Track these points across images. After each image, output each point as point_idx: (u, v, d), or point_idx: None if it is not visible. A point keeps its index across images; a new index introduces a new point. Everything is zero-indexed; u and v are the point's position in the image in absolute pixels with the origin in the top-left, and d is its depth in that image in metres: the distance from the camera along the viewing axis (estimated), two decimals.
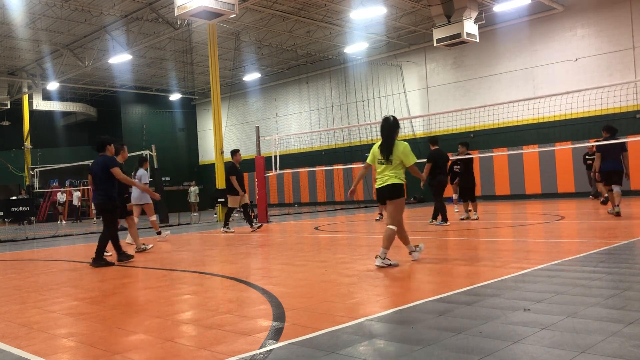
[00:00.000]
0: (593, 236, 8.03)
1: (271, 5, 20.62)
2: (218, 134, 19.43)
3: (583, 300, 3.96)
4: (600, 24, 20.33)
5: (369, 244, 8.64)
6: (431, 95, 25.30)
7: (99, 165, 7.78)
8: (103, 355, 3.28)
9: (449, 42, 17.80)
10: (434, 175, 11.48)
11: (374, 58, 26.66)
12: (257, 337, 3.46)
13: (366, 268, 6.06)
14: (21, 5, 19.06)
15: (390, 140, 6.15)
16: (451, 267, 5.79)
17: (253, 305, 4.43)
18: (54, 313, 4.60)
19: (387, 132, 6.19)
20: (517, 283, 4.74)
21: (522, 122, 20.73)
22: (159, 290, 5.45)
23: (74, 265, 7.98)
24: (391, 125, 6.20)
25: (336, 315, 3.94)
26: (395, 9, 21.75)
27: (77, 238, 14.20)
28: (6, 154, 31.66)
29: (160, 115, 35.38)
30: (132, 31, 21.77)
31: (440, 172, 11.56)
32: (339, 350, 3.10)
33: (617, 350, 2.81)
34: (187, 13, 14.34)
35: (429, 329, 3.41)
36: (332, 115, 28.59)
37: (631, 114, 19.50)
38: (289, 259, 7.35)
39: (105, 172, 7.70)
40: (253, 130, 18.61)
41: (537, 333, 3.19)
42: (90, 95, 33.99)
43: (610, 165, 11.32)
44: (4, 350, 3.53)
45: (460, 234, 9.62)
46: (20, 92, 29.19)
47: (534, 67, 21.92)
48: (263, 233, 12.41)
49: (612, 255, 5.99)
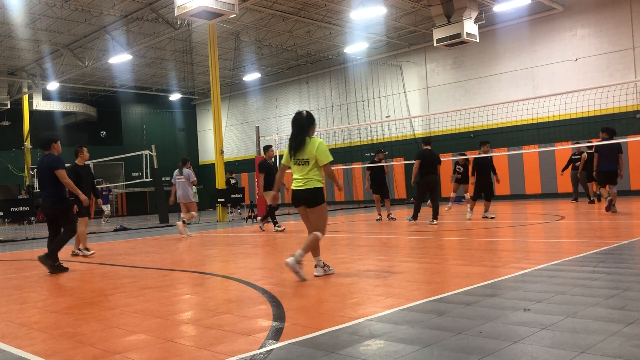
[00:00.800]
0: (593, 236, 8.03)
1: (271, 5, 20.62)
2: (218, 134, 19.43)
3: (583, 300, 3.96)
4: (600, 24, 20.33)
5: (369, 244, 8.64)
6: (431, 95, 25.29)
7: (44, 165, 7.19)
8: (103, 355, 3.28)
9: (449, 42, 17.79)
10: (423, 174, 11.85)
11: (374, 58, 26.65)
12: (257, 337, 3.46)
13: (366, 268, 6.06)
14: (21, 5, 19.06)
15: (301, 136, 5.57)
16: (451, 267, 5.79)
17: (253, 305, 4.43)
18: (54, 313, 4.60)
19: (298, 127, 5.60)
20: (517, 283, 4.74)
21: (522, 122, 20.72)
22: (159, 290, 5.45)
23: (74, 265, 7.98)
24: (304, 120, 5.60)
25: (336, 315, 3.94)
26: (395, 9, 21.74)
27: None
28: (6, 154, 31.65)
29: (160, 115, 35.37)
30: (132, 31, 21.77)
31: (428, 171, 11.83)
32: (339, 350, 3.10)
33: (617, 350, 2.81)
34: (187, 13, 14.34)
35: (429, 329, 3.41)
36: (332, 115, 28.58)
37: (631, 114, 19.50)
38: None
39: (51, 173, 7.13)
40: (253, 130, 18.62)
41: (537, 333, 3.19)
42: (90, 95, 33.98)
43: (608, 166, 11.63)
44: (4, 350, 3.53)
45: (460, 234, 9.62)
46: (20, 92, 29.18)
47: (534, 67, 21.92)
48: (263, 233, 12.41)
49: (612, 255, 5.98)
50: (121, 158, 26.98)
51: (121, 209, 31.89)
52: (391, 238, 9.52)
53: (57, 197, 7.16)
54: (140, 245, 10.82)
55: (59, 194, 7.17)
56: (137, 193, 32.59)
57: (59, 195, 7.18)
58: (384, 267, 6.12)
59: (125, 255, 9.02)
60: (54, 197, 7.15)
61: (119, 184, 29.16)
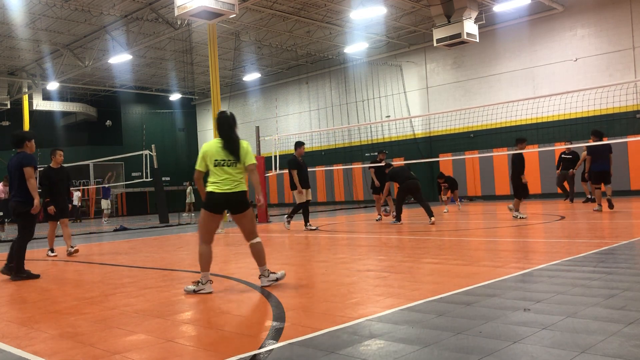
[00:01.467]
0: (593, 236, 8.03)
1: (271, 5, 20.62)
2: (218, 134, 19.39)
3: (583, 300, 3.96)
4: (600, 24, 20.32)
5: (369, 244, 8.64)
6: (431, 95, 25.29)
7: (13, 163, 6.78)
8: (103, 355, 3.28)
9: (449, 42, 17.79)
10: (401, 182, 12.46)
11: (374, 58, 26.65)
12: (257, 337, 3.46)
13: (366, 268, 6.06)
14: (21, 5, 19.06)
15: (235, 135, 5.26)
16: (451, 267, 5.79)
17: (253, 305, 4.43)
18: (54, 313, 4.60)
19: (228, 127, 5.25)
20: (517, 283, 4.74)
21: (522, 122, 20.72)
22: (159, 290, 5.45)
23: (73, 265, 7.98)
24: (232, 119, 5.31)
25: (336, 315, 3.94)
26: (395, 9, 21.74)
27: (77, 238, 14.18)
28: (6, 154, 31.60)
29: (160, 115, 35.38)
30: (132, 31, 21.77)
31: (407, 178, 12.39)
32: (339, 350, 3.10)
33: (617, 350, 2.81)
34: (187, 13, 14.34)
35: (429, 329, 3.41)
36: (332, 115, 28.58)
37: (631, 114, 19.50)
38: (289, 259, 7.35)
39: (20, 171, 6.70)
40: (253, 130, 18.59)
41: (537, 333, 3.19)
42: (90, 95, 33.99)
43: (600, 166, 12.58)
44: (4, 350, 3.53)
45: (460, 234, 9.62)
46: (20, 92, 29.18)
47: (534, 67, 21.92)
48: (263, 233, 12.41)
49: (612, 255, 5.98)
50: (121, 158, 26.98)
51: (121, 209, 31.90)
52: (391, 238, 9.52)
53: (23, 197, 6.73)
54: (140, 245, 10.82)
55: (25, 194, 6.72)
56: (137, 193, 32.60)
57: (26, 195, 6.72)
58: (384, 267, 6.12)
59: (125, 255, 9.03)
60: (20, 196, 6.73)
61: (119, 183, 29.16)
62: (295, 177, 11.97)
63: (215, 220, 5.25)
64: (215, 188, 5.10)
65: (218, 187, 5.10)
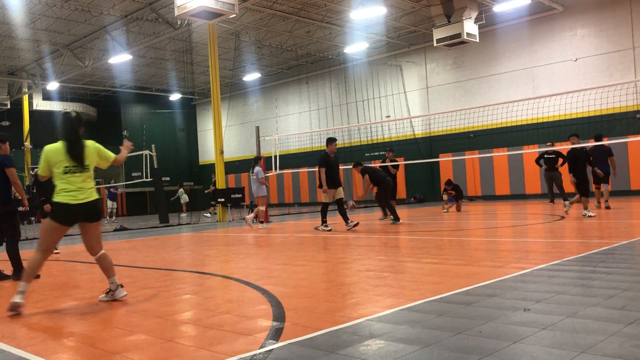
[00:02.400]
0: (593, 236, 8.03)
1: (271, 5, 20.62)
2: (218, 134, 19.43)
3: (583, 300, 3.96)
4: (600, 24, 20.32)
5: (369, 244, 8.64)
6: (431, 95, 25.29)
7: None
8: (103, 355, 3.28)
9: (449, 42, 17.79)
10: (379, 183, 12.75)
11: (374, 58, 26.65)
12: (257, 337, 3.46)
13: (366, 268, 6.06)
14: (21, 5, 19.06)
15: (77, 138, 4.89)
16: (451, 267, 5.79)
17: (253, 305, 4.43)
18: (54, 313, 4.60)
19: (71, 130, 4.89)
20: (517, 283, 4.74)
21: (522, 122, 20.72)
22: (159, 290, 5.45)
23: (73, 265, 7.98)
24: (74, 121, 4.95)
25: (336, 315, 3.94)
26: (395, 9, 21.74)
27: (77, 238, 14.18)
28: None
29: (160, 115, 35.36)
30: (132, 31, 21.76)
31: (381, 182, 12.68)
32: (339, 350, 3.10)
33: (617, 350, 2.81)
34: (187, 13, 14.34)
35: (429, 329, 3.41)
36: (332, 115, 28.58)
37: (631, 114, 19.49)
38: (289, 259, 7.35)
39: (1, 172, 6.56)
40: (253, 130, 18.62)
41: (537, 333, 3.19)
42: (90, 95, 33.98)
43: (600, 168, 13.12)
44: (4, 350, 3.53)
45: (460, 234, 9.62)
46: (20, 92, 29.18)
47: (534, 67, 21.91)
48: (263, 233, 12.40)
49: (612, 255, 5.98)
50: None
51: (121, 209, 31.90)
52: (391, 238, 9.52)
53: (5, 199, 6.56)
54: (140, 245, 10.82)
55: (6, 195, 6.56)
56: (137, 193, 32.60)
57: (7, 197, 6.57)
58: (384, 267, 6.11)
59: (125, 255, 9.03)
60: (2, 198, 6.55)
61: (119, 183, 29.17)
62: (323, 175, 11.51)
63: (62, 232, 4.99)
64: (71, 199, 4.77)
65: (74, 197, 4.78)
